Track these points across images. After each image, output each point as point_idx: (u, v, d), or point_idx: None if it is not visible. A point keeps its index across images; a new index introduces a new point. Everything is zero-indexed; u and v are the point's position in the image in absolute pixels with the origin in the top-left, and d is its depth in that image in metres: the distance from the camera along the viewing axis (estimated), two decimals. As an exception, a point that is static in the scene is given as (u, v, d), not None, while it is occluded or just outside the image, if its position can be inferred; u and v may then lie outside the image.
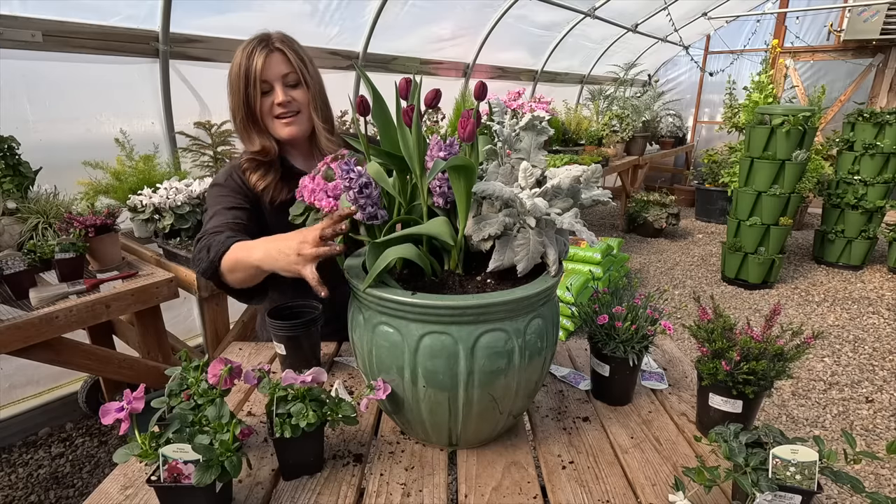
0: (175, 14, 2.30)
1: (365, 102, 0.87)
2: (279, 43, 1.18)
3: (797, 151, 3.57)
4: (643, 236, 5.40)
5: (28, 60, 2.00)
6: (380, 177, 0.87)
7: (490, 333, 0.78)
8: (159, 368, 1.79)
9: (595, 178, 0.89)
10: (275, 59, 1.18)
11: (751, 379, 0.87)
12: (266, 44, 1.17)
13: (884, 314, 3.52)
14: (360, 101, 0.87)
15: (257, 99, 1.19)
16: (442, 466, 0.87)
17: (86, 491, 1.94)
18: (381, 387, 0.84)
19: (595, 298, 1.10)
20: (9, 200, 1.73)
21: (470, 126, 0.80)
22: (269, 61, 1.17)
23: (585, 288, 3.16)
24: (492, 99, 0.96)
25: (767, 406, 2.53)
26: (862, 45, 5.86)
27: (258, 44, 1.17)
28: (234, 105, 1.22)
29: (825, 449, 0.73)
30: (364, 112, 0.87)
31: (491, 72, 4.59)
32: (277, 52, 1.18)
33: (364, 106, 0.87)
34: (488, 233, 0.83)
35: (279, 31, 1.21)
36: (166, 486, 0.72)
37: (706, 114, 7.37)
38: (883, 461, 2.12)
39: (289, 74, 1.19)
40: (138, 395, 0.76)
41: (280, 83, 1.19)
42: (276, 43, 1.18)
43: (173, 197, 1.85)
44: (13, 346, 1.37)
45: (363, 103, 0.87)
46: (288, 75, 1.19)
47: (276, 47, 1.18)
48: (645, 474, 0.86)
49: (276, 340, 1.09)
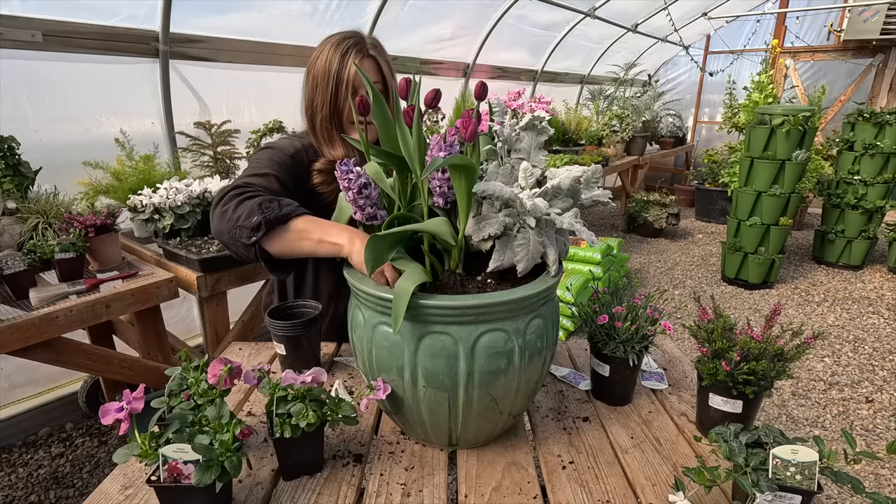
0: (175, 14, 2.30)
1: (365, 102, 0.87)
2: (373, 50, 1.18)
3: (797, 151, 3.57)
4: (643, 236, 5.40)
5: (28, 60, 2.00)
6: (378, 177, 0.87)
7: (490, 333, 0.78)
8: (159, 368, 1.79)
9: (595, 179, 0.89)
10: (367, 66, 1.18)
11: (751, 379, 0.87)
12: (361, 48, 1.17)
13: (884, 314, 3.52)
14: (360, 100, 0.87)
15: (346, 102, 1.18)
16: (442, 466, 0.87)
17: (86, 491, 1.94)
18: (380, 387, 0.84)
19: (595, 298, 1.10)
20: (9, 200, 1.73)
21: (472, 126, 0.80)
22: (362, 67, 1.16)
23: (585, 288, 3.16)
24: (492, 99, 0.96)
25: (767, 406, 2.53)
26: (862, 45, 5.86)
27: (353, 45, 1.16)
28: (316, 102, 1.19)
29: (825, 449, 0.73)
30: (364, 111, 0.87)
31: (491, 72, 4.60)
32: (370, 59, 1.18)
33: (364, 105, 0.87)
34: (488, 233, 0.83)
35: (372, 36, 1.22)
36: (166, 486, 0.72)
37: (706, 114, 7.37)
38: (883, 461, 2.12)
39: (377, 83, 1.19)
40: (138, 395, 0.76)
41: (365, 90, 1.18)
42: (370, 49, 1.18)
43: (173, 197, 1.85)
44: (13, 346, 1.37)
45: (363, 103, 0.87)
46: (376, 83, 1.19)
47: (369, 54, 1.18)
48: (645, 474, 0.86)
49: (276, 340, 1.09)
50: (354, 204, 0.83)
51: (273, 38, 2.79)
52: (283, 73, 2.89)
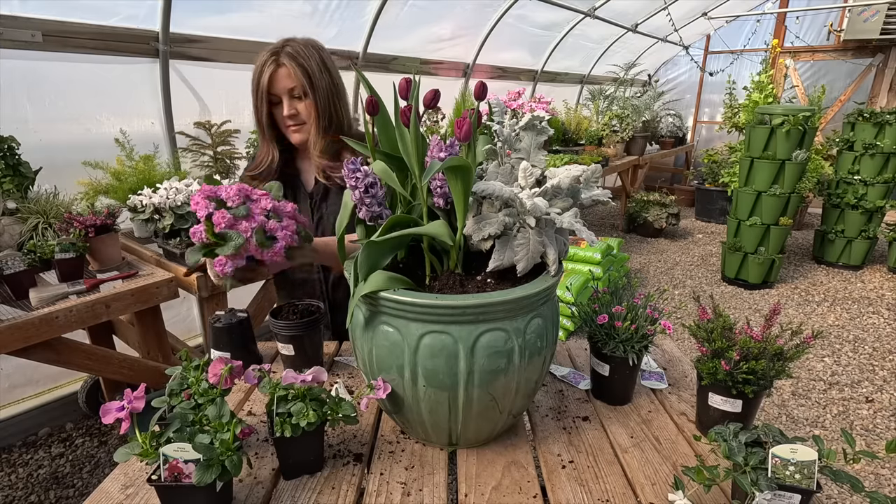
0: (175, 14, 2.30)
1: (373, 103, 0.87)
2: (286, 58, 1.23)
3: (797, 151, 3.57)
4: (643, 236, 5.40)
5: (28, 60, 2.00)
6: (386, 175, 0.87)
7: (490, 333, 0.78)
8: (159, 368, 1.79)
9: (595, 178, 0.89)
10: (281, 74, 1.24)
11: (750, 378, 0.87)
12: (276, 58, 1.23)
13: (884, 314, 3.53)
14: (368, 101, 0.87)
15: (262, 110, 1.28)
16: (442, 466, 0.87)
17: (86, 491, 1.94)
18: (381, 386, 0.84)
19: (595, 298, 1.11)
20: (9, 200, 1.73)
21: (466, 126, 0.80)
22: (276, 76, 1.24)
23: (585, 288, 3.16)
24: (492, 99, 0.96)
25: (767, 406, 2.54)
26: (862, 45, 5.86)
27: (269, 57, 1.23)
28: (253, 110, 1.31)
29: (824, 448, 0.73)
30: (373, 112, 0.87)
31: (491, 72, 4.60)
32: (283, 66, 1.23)
33: (373, 106, 0.87)
34: (488, 232, 0.83)
35: (293, 44, 1.25)
36: (167, 486, 0.72)
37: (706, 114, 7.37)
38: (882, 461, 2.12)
39: (294, 88, 1.25)
40: (139, 394, 0.76)
41: (287, 96, 1.25)
42: (283, 58, 1.23)
43: (173, 197, 1.85)
44: (13, 346, 1.37)
45: (372, 103, 0.87)
46: (293, 89, 1.25)
47: (282, 62, 1.23)
48: (644, 473, 0.86)
49: (278, 340, 1.09)
50: (360, 202, 0.83)
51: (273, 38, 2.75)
52: (283, 73, 2.89)
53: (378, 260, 0.84)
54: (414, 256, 0.95)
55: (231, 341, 1.10)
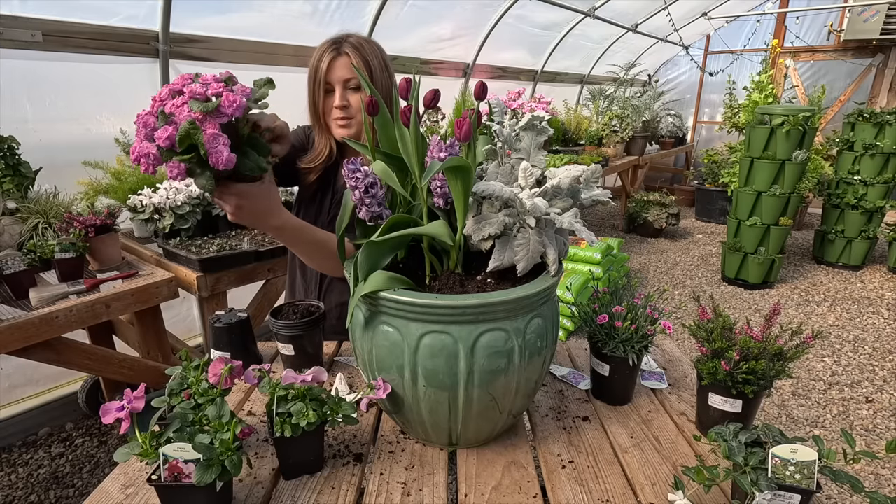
0: (175, 14, 2.30)
1: (373, 103, 0.87)
2: (349, 47, 1.21)
3: (797, 151, 3.57)
4: (643, 236, 5.40)
5: (28, 60, 2.00)
6: (386, 175, 0.87)
7: (490, 333, 0.78)
8: (159, 368, 1.79)
9: (595, 178, 0.89)
10: (340, 63, 1.21)
11: (750, 378, 0.87)
12: (337, 46, 1.21)
13: (884, 314, 3.53)
14: (368, 101, 0.87)
15: (320, 97, 1.24)
16: (442, 466, 0.87)
17: (86, 491, 1.94)
18: (380, 386, 0.84)
19: (595, 298, 1.11)
20: (9, 200, 1.73)
21: (466, 126, 0.80)
22: (335, 64, 1.21)
23: (585, 288, 3.16)
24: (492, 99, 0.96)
25: (767, 406, 2.54)
26: (862, 45, 5.87)
27: (330, 45, 1.21)
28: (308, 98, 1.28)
29: (824, 448, 0.73)
30: (373, 112, 0.87)
31: (491, 72, 4.60)
32: (345, 55, 1.21)
33: (373, 106, 0.87)
34: (488, 232, 0.83)
35: (356, 37, 1.24)
36: (167, 486, 0.72)
37: (706, 114, 7.38)
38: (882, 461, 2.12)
39: (351, 80, 1.22)
40: (139, 394, 0.76)
41: (341, 86, 1.22)
42: (345, 47, 1.21)
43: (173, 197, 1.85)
44: (13, 345, 1.38)
45: (372, 103, 0.87)
46: (350, 80, 1.22)
47: (344, 51, 1.21)
48: (644, 474, 0.86)
49: (278, 340, 1.09)
50: (360, 202, 0.83)
51: (273, 38, 2.79)
52: (283, 73, 2.89)
53: (378, 260, 0.84)
54: (414, 256, 0.96)
55: (231, 341, 1.10)
